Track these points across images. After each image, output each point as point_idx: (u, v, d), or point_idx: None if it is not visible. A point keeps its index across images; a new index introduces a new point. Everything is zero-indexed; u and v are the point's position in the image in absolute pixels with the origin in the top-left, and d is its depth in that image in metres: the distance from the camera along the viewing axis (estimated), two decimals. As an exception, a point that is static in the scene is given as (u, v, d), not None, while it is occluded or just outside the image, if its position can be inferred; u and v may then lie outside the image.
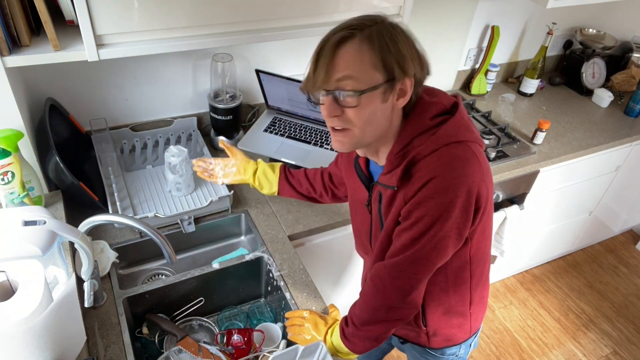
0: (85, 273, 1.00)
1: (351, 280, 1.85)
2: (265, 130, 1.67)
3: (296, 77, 1.58)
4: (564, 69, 2.49)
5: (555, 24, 2.22)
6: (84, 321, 1.03)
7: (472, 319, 1.17)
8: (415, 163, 0.92)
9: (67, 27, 1.21)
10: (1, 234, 0.87)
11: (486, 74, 2.26)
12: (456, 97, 0.99)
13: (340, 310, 1.24)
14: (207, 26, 1.27)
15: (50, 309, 0.85)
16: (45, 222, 0.89)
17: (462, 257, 1.03)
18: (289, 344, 1.21)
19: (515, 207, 1.97)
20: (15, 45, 1.14)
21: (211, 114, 1.68)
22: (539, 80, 2.31)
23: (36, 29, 1.21)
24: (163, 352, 1.20)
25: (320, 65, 0.86)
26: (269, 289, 1.42)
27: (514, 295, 2.58)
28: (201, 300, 1.35)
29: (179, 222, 1.41)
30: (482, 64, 2.23)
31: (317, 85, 0.87)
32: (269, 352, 1.21)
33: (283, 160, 1.53)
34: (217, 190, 1.50)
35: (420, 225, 0.91)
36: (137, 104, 1.65)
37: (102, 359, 1.08)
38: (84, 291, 1.04)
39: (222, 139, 1.67)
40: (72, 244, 1.18)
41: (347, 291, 1.88)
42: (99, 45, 1.17)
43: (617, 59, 2.48)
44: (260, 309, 1.43)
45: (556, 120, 2.16)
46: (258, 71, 1.60)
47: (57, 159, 1.24)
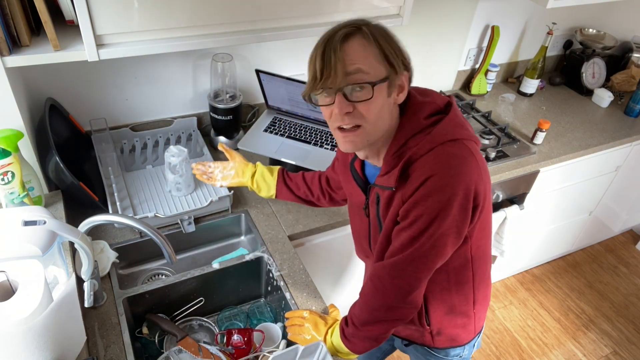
0: (85, 273, 1.00)
1: (351, 280, 1.85)
2: (265, 130, 1.67)
3: (296, 77, 1.58)
4: (564, 69, 2.49)
5: (555, 24, 2.22)
6: (84, 321, 1.03)
7: (476, 319, 1.17)
8: (412, 163, 0.92)
9: (67, 27, 1.21)
10: (1, 234, 0.87)
11: (486, 74, 2.26)
12: (449, 97, 1.00)
13: (340, 310, 1.24)
14: (207, 26, 1.27)
15: (50, 309, 0.85)
16: (45, 222, 0.89)
17: (463, 256, 1.03)
18: (289, 344, 1.21)
19: (515, 207, 1.98)
20: (15, 45, 1.14)
21: (211, 114, 1.68)
22: (539, 80, 2.31)
23: (36, 29, 1.21)
24: (163, 352, 1.20)
25: (328, 63, 0.85)
26: (269, 289, 1.42)
27: (514, 295, 2.58)
28: (201, 300, 1.35)
29: (179, 222, 1.41)
30: (482, 64, 2.23)
31: (327, 84, 0.86)
32: (269, 352, 1.21)
33: (283, 160, 1.53)
34: (217, 190, 1.50)
35: (418, 224, 0.91)
36: (137, 104, 1.65)
37: (102, 359, 1.08)
38: (84, 291, 1.04)
39: (221, 142, 1.67)
40: (72, 244, 1.18)
41: (347, 291, 1.88)
42: (99, 45, 1.17)
43: (617, 59, 2.48)
44: (260, 309, 1.43)
45: (556, 120, 2.16)
46: (258, 71, 1.60)
47: (57, 159, 1.24)
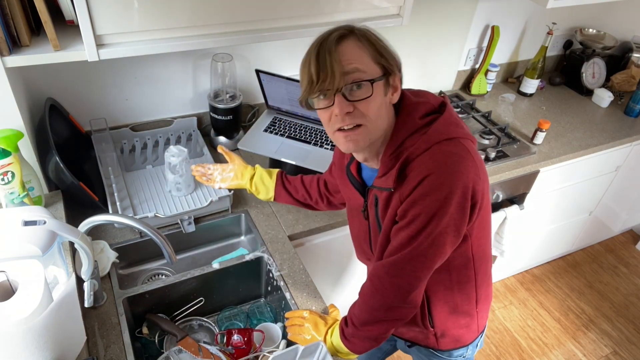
0: (85, 273, 1.00)
1: (351, 280, 1.85)
2: (265, 130, 1.67)
3: (296, 77, 1.57)
4: (564, 69, 2.49)
5: (555, 24, 2.22)
6: (84, 321, 1.03)
7: (478, 317, 1.17)
8: (409, 163, 0.92)
9: (67, 27, 1.21)
10: (1, 234, 0.87)
11: (486, 74, 2.26)
12: (443, 96, 1.01)
13: (340, 310, 1.24)
14: (207, 26, 1.27)
15: (50, 309, 0.85)
16: (45, 222, 0.89)
17: (464, 255, 1.03)
18: (289, 344, 1.21)
19: (515, 207, 1.97)
20: (15, 45, 1.14)
21: (211, 114, 1.68)
22: (539, 80, 2.31)
23: (36, 29, 1.21)
24: (163, 352, 1.20)
25: (323, 66, 0.86)
26: (269, 289, 1.42)
27: (514, 295, 2.58)
28: (201, 300, 1.35)
29: (179, 222, 1.41)
30: (482, 64, 2.23)
31: (324, 86, 0.86)
32: (269, 352, 1.21)
33: (283, 160, 1.53)
34: (217, 190, 1.49)
35: (416, 223, 0.91)
36: (137, 104, 1.65)
37: (102, 359, 1.08)
38: (84, 291, 1.04)
39: (220, 144, 1.67)
40: (72, 244, 1.18)
41: (347, 291, 1.88)
42: (99, 45, 1.17)
43: (617, 59, 2.48)
44: (260, 309, 1.43)
45: (556, 120, 2.16)
46: (258, 71, 1.60)
47: (57, 159, 1.24)
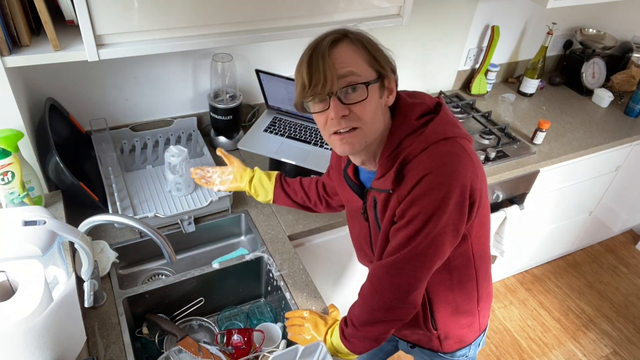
0: (85, 273, 1.01)
1: (351, 280, 1.85)
2: (265, 130, 1.67)
3: (296, 77, 1.58)
4: (564, 69, 2.49)
5: (555, 24, 2.22)
6: (84, 321, 1.03)
7: (480, 316, 1.18)
8: (406, 163, 0.93)
9: (67, 27, 1.21)
10: (1, 234, 0.87)
11: (486, 74, 2.26)
12: (439, 97, 1.02)
13: (340, 310, 1.24)
14: (207, 26, 1.27)
15: (50, 309, 0.85)
16: (45, 222, 0.89)
17: (465, 255, 1.03)
18: (289, 344, 1.21)
19: (515, 207, 1.97)
20: (15, 45, 1.14)
21: (211, 114, 1.68)
22: (539, 80, 2.31)
23: (36, 29, 1.21)
24: (163, 352, 1.20)
25: (317, 70, 0.86)
26: (269, 289, 1.42)
27: (514, 295, 2.58)
28: (201, 300, 1.35)
29: (179, 222, 1.41)
30: (482, 64, 2.23)
31: (316, 90, 0.87)
32: (269, 352, 1.21)
33: (283, 160, 1.53)
34: (217, 190, 1.50)
35: (415, 223, 0.91)
36: (137, 104, 1.65)
37: (102, 359, 1.08)
38: (84, 291, 1.04)
39: (220, 146, 1.67)
40: (72, 244, 1.18)
41: (347, 291, 1.88)
42: (99, 45, 1.17)
43: (617, 59, 2.48)
44: (260, 309, 1.43)
45: (556, 120, 2.16)
46: (258, 71, 1.60)
47: (57, 159, 1.24)
